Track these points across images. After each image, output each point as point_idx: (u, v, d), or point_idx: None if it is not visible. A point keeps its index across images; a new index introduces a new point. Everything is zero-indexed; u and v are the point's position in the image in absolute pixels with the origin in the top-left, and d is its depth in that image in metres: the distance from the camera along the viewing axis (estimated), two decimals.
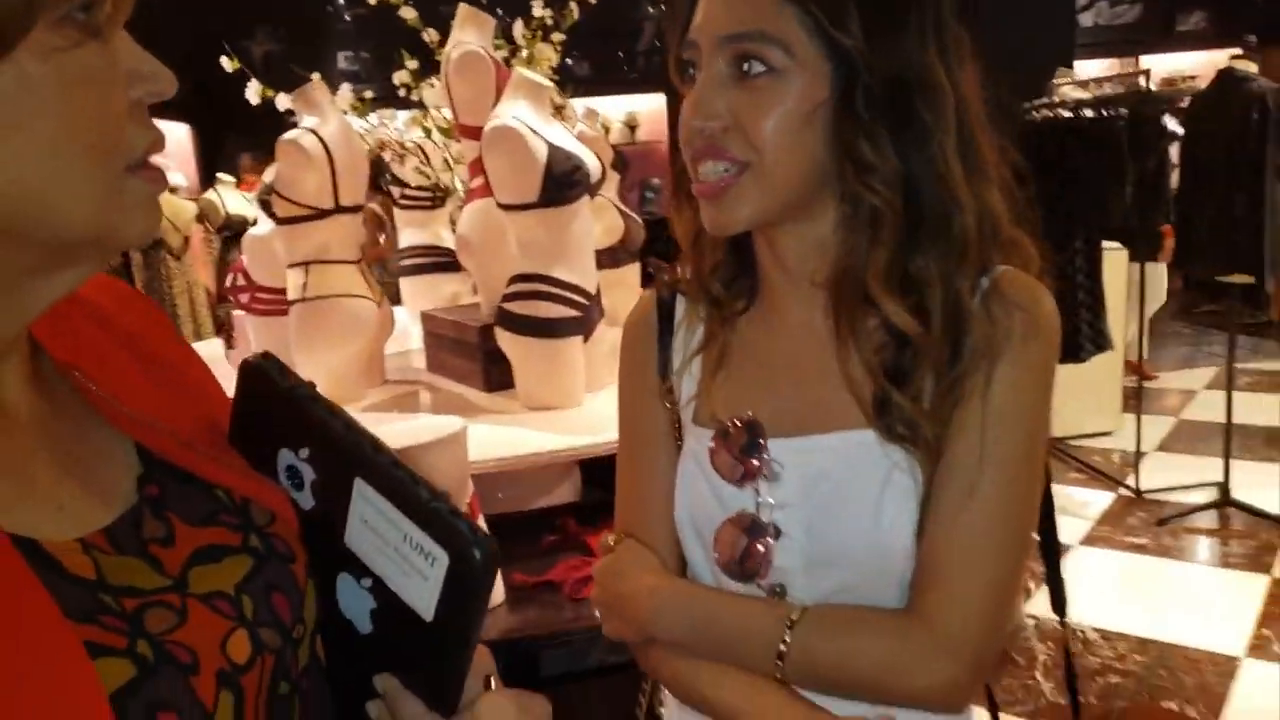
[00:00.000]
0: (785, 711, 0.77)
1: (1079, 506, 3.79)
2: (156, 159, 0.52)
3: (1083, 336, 3.90)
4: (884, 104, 0.73)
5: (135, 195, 0.50)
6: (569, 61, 3.04)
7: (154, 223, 0.52)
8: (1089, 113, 3.77)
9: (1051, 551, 0.90)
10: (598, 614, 0.86)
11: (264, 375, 0.60)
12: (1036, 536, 0.89)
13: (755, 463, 0.80)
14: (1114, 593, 3.20)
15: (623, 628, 0.84)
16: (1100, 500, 3.85)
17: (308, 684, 0.59)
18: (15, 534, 0.48)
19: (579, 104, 3.14)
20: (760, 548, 0.79)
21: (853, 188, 0.75)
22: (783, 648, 0.75)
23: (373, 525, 0.56)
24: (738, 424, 0.81)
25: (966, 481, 0.74)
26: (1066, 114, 3.83)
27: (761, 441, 0.80)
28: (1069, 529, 3.60)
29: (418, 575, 0.54)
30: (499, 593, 1.61)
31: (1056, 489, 3.48)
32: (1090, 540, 3.54)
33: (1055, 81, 4.19)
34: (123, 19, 0.48)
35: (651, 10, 9.25)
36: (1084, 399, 4.37)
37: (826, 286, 0.79)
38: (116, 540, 0.52)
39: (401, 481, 0.55)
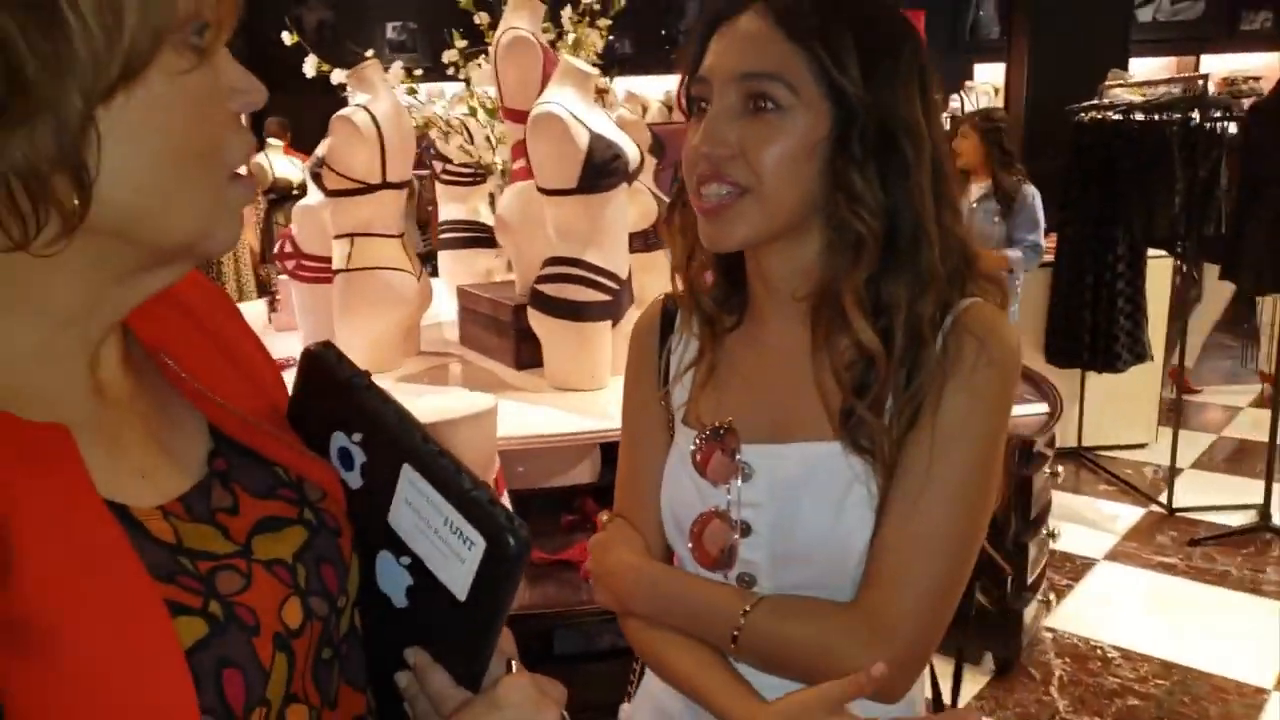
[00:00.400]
0: (726, 688, 0.86)
1: (1107, 520, 3.73)
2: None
3: (1120, 346, 3.85)
4: (875, 143, 0.81)
5: (233, 202, 0.55)
6: (611, 38, 3.07)
7: (239, 230, 0.57)
8: (1139, 116, 3.70)
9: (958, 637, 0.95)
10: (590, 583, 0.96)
11: (324, 363, 0.65)
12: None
13: (731, 464, 0.88)
14: (1138, 612, 3.14)
15: (607, 598, 0.93)
16: (1129, 515, 3.78)
17: (347, 650, 0.64)
18: (109, 499, 0.52)
19: (620, 84, 3.15)
20: (729, 541, 0.88)
21: (842, 216, 0.82)
22: (736, 631, 0.84)
23: (416, 508, 0.60)
24: (718, 428, 0.89)
25: (912, 494, 0.81)
26: (1115, 117, 3.76)
27: (737, 445, 0.88)
28: (1094, 542, 3.56)
29: (455, 557, 0.58)
30: None
31: (1084, 500, 3.43)
32: (1115, 555, 3.48)
33: (1106, 83, 4.11)
34: (225, 39, 0.53)
35: None
36: (1119, 409, 4.31)
37: (808, 303, 0.86)
38: (191, 507, 0.57)
39: (446, 470, 0.59)
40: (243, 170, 0.56)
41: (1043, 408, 2.59)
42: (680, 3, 9.19)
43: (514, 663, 0.63)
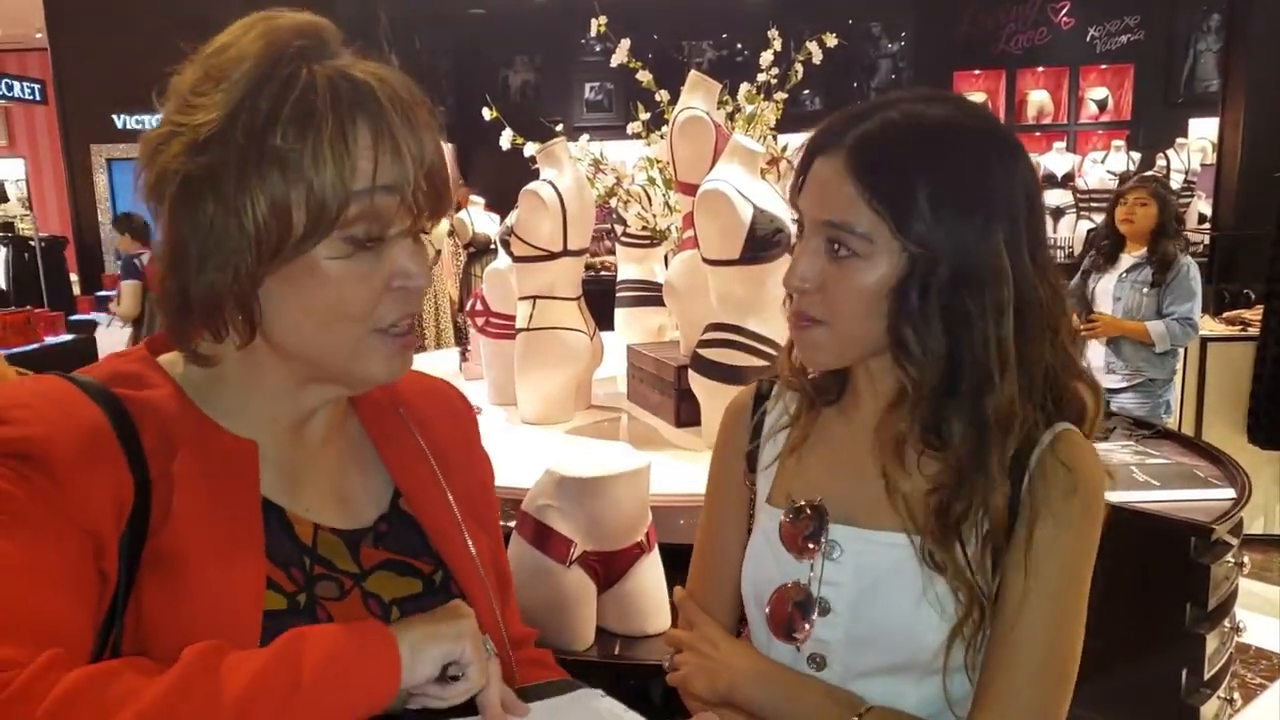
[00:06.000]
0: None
1: None
2: None
3: None
4: (938, 292, 0.83)
5: (374, 350, 0.72)
6: (805, 92, 3.20)
7: (392, 369, 0.74)
8: None
9: None
10: (679, 671, 0.97)
11: None
12: None
13: (816, 542, 0.91)
14: None
15: (705, 690, 0.94)
16: None
17: None
18: (271, 499, 0.72)
19: (799, 139, 3.27)
20: (806, 617, 0.91)
21: (897, 360, 0.86)
22: None
23: None
24: (806, 506, 0.92)
25: (1008, 621, 0.84)
26: None
27: (825, 523, 0.91)
28: None
29: None
30: (665, 616, 1.77)
31: None
32: None
33: None
34: (411, 234, 0.71)
35: (890, 46, 9.20)
36: None
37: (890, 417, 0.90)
38: (338, 532, 0.75)
39: None
40: (397, 326, 0.72)
41: (1226, 493, 2.45)
42: (873, 60, 9.25)
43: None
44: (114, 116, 6.77)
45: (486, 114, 3.22)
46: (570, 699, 0.75)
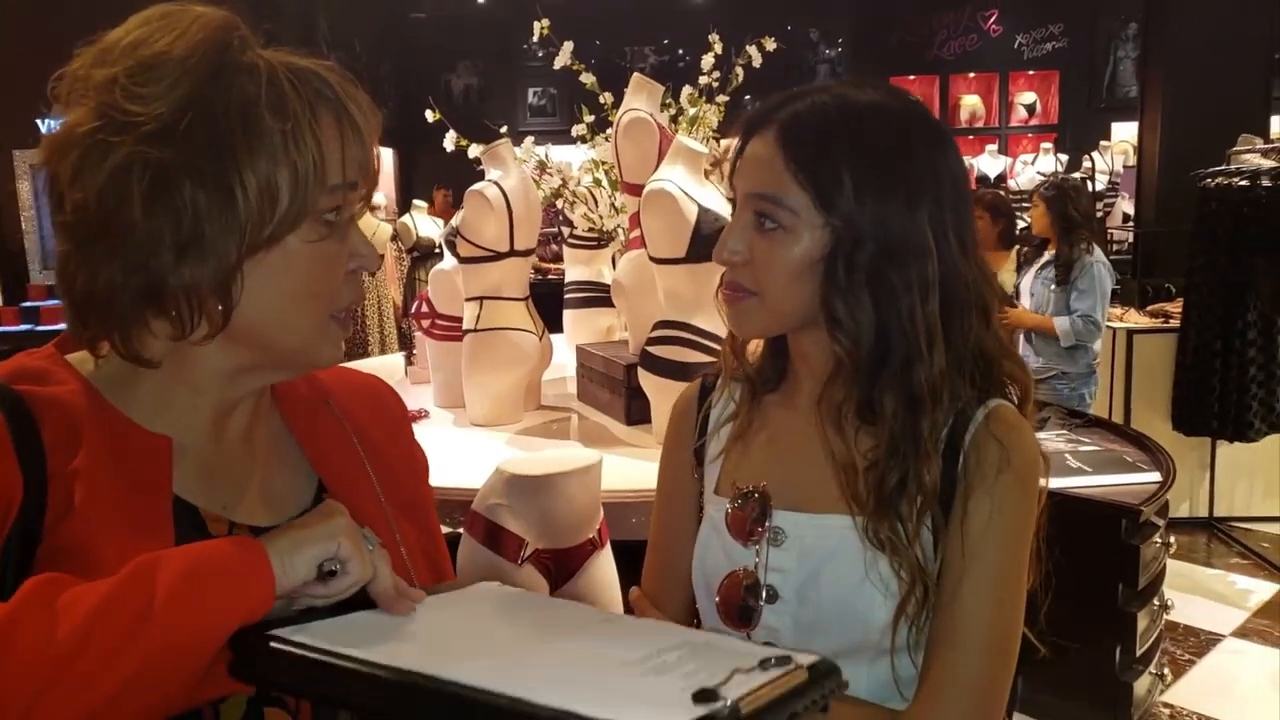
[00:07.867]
0: None
1: (1237, 595, 3.56)
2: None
3: (1253, 414, 3.70)
4: (864, 266, 0.85)
5: (330, 334, 0.74)
6: (747, 97, 3.25)
7: (338, 354, 0.76)
8: (1267, 182, 3.60)
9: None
10: None
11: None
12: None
13: (762, 528, 0.91)
14: (1266, 690, 3.00)
15: None
16: (1262, 590, 3.59)
17: None
18: (184, 498, 0.71)
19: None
20: (753, 604, 0.91)
21: (830, 332, 0.88)
22: None
23: None
24: (751, 492, 0.93)
25: (946, 601, 0.84)
26: (1242, 183, 3.67)
27: (769, 510, 0.91)
28: (1222, 617, 3.41)
29: None
30: (618, 613, 1.79)
31: (1214, 573, 3.31)
32: (1245, 632, 3.32)
33: (1235, 149, 4.00)
34: (358, 218, 0.73)
35: (828, 52, 9.38)
36: (1254, 479, 4.12)
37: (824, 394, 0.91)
38: (256, 533, 0.73)
39: None
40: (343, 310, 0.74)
41: (1153, 476, 2.56)
42: (812, 65, 9.41)
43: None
44: (37, 121, 6.55)
45: (429, 116, 3.22)
46: (469, 589, 0.74)
